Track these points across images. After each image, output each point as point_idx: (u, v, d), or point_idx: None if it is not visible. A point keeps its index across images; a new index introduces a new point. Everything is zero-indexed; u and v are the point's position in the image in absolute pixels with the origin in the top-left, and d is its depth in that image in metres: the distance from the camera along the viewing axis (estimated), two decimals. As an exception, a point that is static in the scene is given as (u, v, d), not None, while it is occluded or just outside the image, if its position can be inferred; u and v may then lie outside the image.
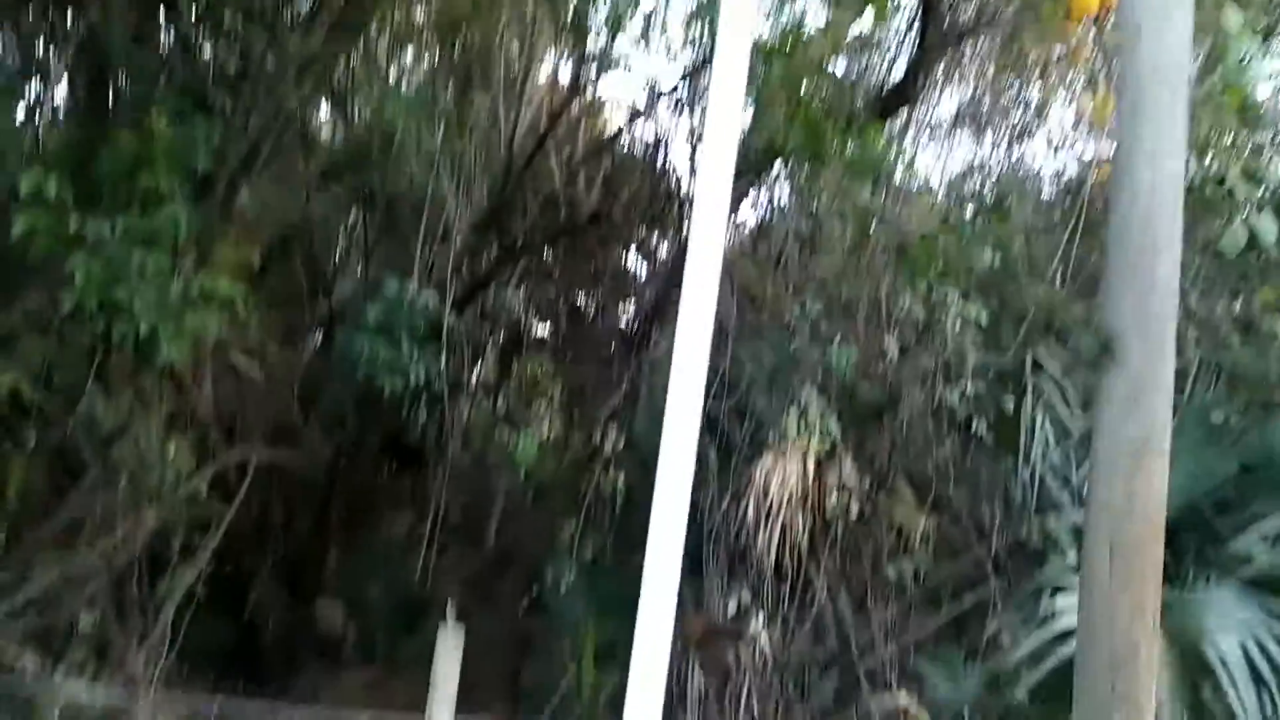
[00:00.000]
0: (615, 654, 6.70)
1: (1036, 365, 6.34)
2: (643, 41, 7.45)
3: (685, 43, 7.70)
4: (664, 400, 6.68)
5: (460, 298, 6.00)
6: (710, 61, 7.24)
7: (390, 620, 7.15)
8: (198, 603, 4.93)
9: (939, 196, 8.15)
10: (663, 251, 9.07)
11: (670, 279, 8.13)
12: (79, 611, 4.21)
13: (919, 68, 7.69)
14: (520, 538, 7.40)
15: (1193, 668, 4.82)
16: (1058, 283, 6.94)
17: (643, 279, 9.01)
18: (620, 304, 8.92)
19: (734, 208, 7.63)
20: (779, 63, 6.09)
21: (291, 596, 6.81)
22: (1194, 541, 5.31)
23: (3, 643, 3.87)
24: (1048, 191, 8.63)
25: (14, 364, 3.98)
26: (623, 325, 8.67)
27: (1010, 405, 6.10)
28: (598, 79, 7.95)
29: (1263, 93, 6.47)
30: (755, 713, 5.81)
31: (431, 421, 7.91)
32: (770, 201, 7.69)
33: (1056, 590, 5.24)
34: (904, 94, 7.90)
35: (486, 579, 6.71)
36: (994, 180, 8.23)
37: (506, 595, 6.71)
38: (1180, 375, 4.57)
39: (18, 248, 3.99)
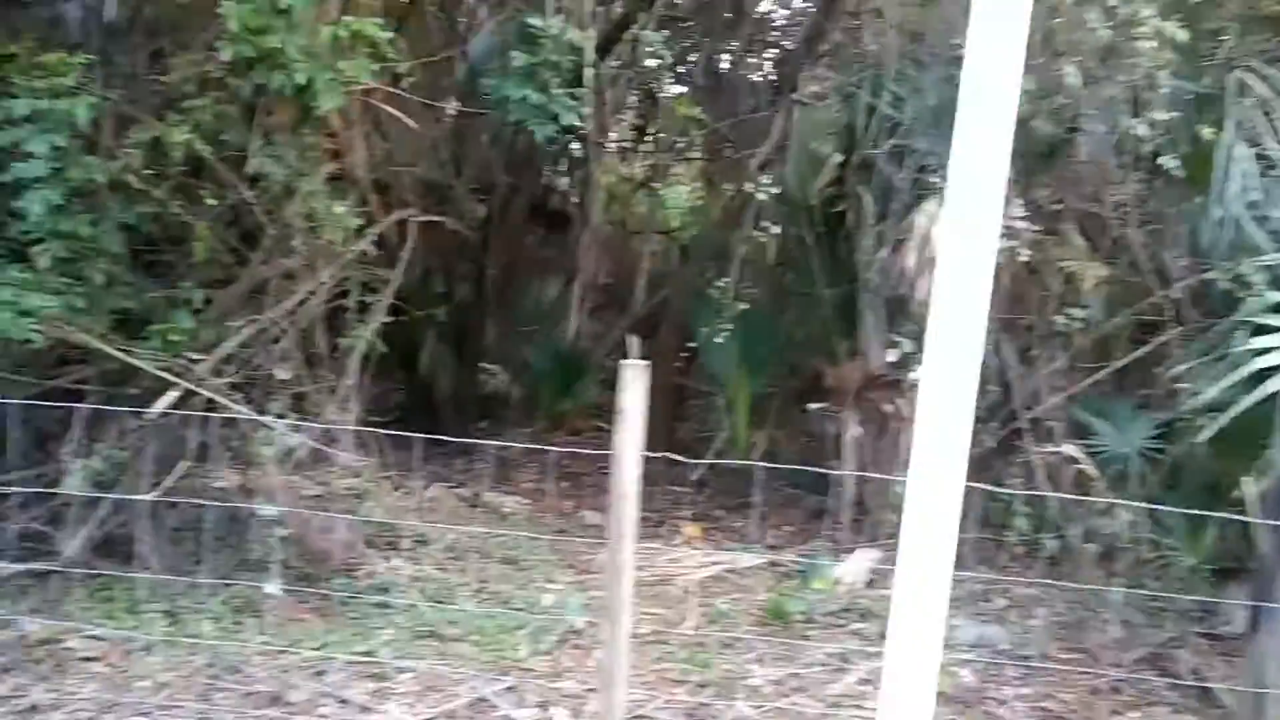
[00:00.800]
0: (768, 406, 6.81)
1: (1241, 89, 5.65)
2: None
3: None
4: (810, 145, 6.20)
5: (597, 44, 5.70)
6: None
7: (548, 381, 7.45)
8: (376, 360, 5.21)
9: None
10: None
11: (813, 20, 7.50)
12: (274, 365, 4.51)
13: None
14: (670, 297, 7.44)
15: None
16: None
17: (781, 23, 8.37)
18: (760, 52, 8.36)
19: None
20: None
21: (457, 358, 7.15)
22: None
23: (216, 390, 4.20)
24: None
25: (183, 123, 4.07)
26: (764, 73, 8.15)
27: (1206, 135, 5.50)
28: None
29: None
30: (912, 461, 5.82)
31: (575, 183, 7.84)
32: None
33: (1257, 330, 4.88)
34: None
35: (639, 338, 6.82)
36: None
37: (659, 354, 6.82)
38: None
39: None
